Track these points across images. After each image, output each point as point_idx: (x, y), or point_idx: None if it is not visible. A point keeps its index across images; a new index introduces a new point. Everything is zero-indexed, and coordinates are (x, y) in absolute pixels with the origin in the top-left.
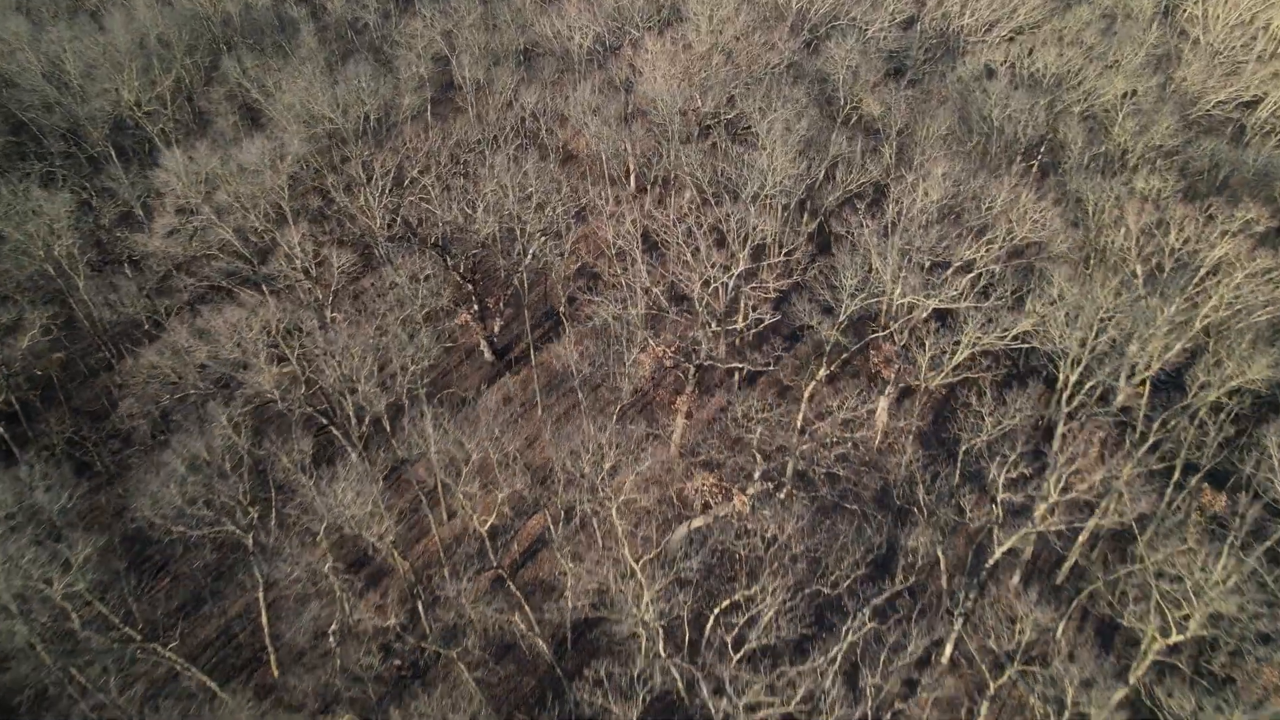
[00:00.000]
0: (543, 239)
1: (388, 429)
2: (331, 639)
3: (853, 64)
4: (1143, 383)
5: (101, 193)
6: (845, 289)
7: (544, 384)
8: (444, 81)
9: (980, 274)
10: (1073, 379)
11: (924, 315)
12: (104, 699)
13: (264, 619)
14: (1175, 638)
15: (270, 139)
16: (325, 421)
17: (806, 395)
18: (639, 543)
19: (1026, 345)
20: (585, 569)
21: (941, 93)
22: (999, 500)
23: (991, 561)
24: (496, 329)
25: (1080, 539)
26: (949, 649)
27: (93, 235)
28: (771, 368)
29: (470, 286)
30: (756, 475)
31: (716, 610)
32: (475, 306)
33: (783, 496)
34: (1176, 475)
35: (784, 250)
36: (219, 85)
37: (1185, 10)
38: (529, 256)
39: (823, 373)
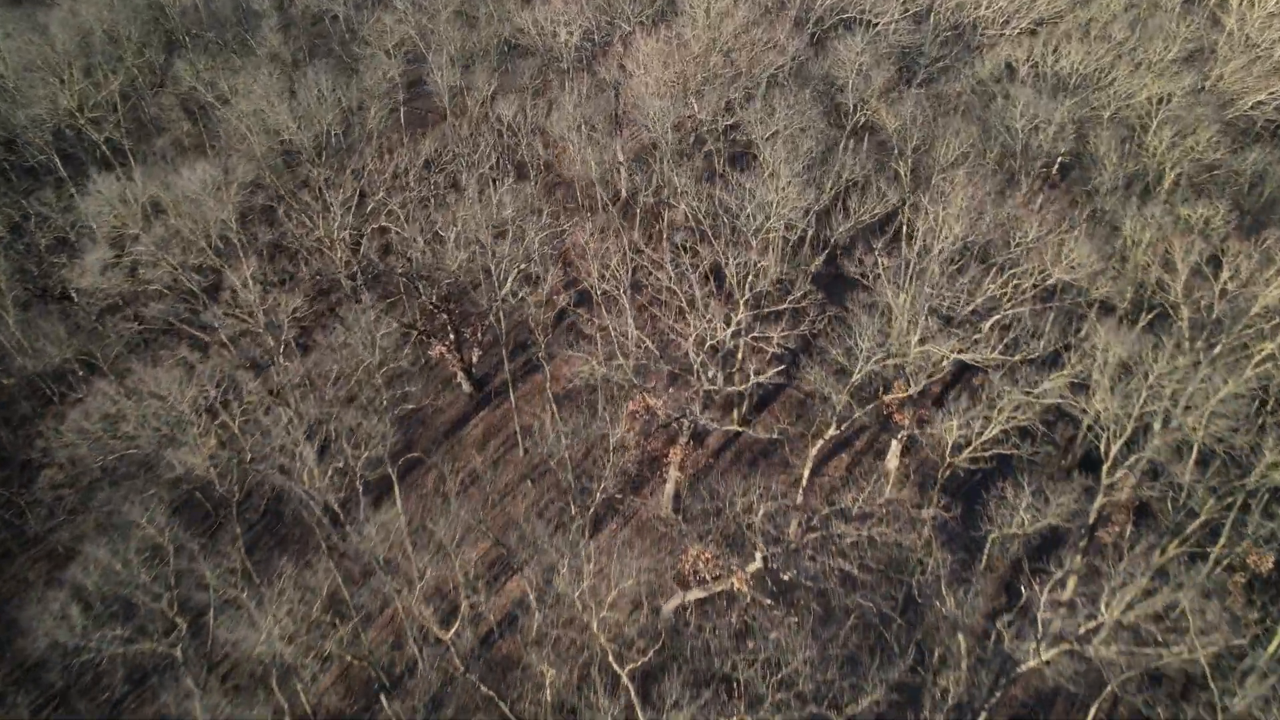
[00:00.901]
0: (523, 266)
1: (340, 516)
2: None
3: (863, 66)
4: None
5: (36, 214)
6: (860, 351)
7: (524, 423)
8: (417, 78)
9: (1010, 324)
10: (1114, 451)
11: (945, 365)
12: None
13: None
14: None
15: (215, 165)
16: (283, 477)
17: (812, 455)
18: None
19: (1063, 402)
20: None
21: (956, 91)
22: (1040, 620)
23: (1022, 669)
24: (475, 358)
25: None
26: None
27: (20, 263)
28: (775, 436)
29: (445, 317)
30: (758, 557)
31: None
32: (451, 337)
33: (786, 578)
34: (1222, 541)
35: (789, 298)
36: (173, 87)
37: None
38: (505, 290)
39: (831, 431)
